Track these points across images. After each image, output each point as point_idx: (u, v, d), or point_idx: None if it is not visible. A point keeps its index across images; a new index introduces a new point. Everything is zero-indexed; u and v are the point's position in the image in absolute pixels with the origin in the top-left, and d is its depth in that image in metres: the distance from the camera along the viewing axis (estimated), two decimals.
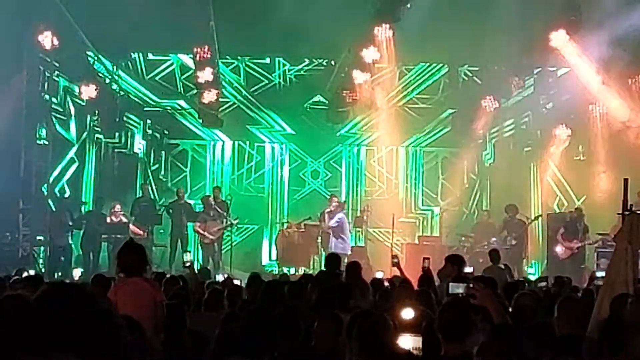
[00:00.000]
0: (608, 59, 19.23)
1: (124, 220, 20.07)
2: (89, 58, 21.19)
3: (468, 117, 21.91)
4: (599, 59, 19.40)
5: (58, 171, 21.05)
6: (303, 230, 21.15)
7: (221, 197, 21.44)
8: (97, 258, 19.86)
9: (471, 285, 5.41)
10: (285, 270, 19.14)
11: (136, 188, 22.24)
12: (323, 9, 18.68)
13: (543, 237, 21.26)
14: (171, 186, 22.65)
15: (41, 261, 19.62)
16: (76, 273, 17.18)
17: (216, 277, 14.10)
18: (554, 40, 19.86)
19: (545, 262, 20.81)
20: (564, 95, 21.56)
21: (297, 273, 18.31)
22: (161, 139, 23.27)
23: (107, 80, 21.77)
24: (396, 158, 23.29)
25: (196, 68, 21.06)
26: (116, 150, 22.68)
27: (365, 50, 20.40)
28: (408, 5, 19.43)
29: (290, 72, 22.98)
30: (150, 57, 22.66)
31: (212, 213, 20.51)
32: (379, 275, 12.46)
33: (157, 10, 18.72)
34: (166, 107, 22.94)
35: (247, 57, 22.81)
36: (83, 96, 20.84)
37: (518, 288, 9.98)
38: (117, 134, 22.36)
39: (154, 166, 23.12)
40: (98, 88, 20.85)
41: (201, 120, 22.17)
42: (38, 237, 19.66)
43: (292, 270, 19.76)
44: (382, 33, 20.18)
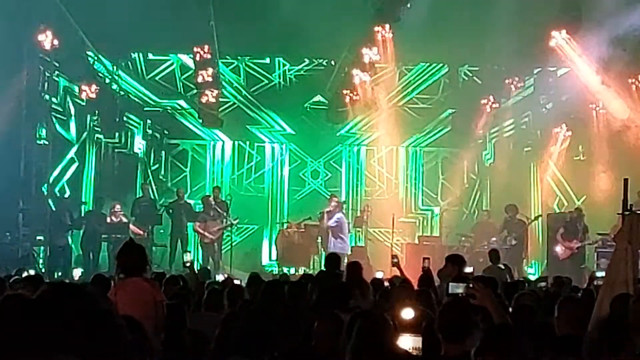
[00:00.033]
0: (608, 59, 19.24)
1: (124, 220, 20.07)
2: (89, 58, 21.19)
3: (468, 117, 21.92)
4: (599, 59, 19.41)
5: (58, 171, 21.05)
6: (303, 230, 21.15)
7: (221, 197, 21.44)
8: (97, 258, 19.86)
9: (471, 285, 5.40)
10: (285, 270, 19.14)
11: (136, 188, 22.24)
12: (323, 9, 18.71)
13: (543, 237, 21.26)
14: (171, 186, 22.65)
15: (41, 261, 19.62)
16: (76, 273, 17.20)
17: (216, 277, 14.11)
18: (554, 40, 19.88)
19: (545, 262, 20.81)
20: (564, 95, 21.57)
21: (297, 273, 18.30)
22: (161, 139, 23.27)
23: (107, 80, 21.77)
24: (396, 158, 23.28)
25: (196, 68, 21.08)
26: (116, 150, 22.68)
27: (365, 50, 20.43)
28: (408, 5, 19.46)
29: (290, 72, 22.97)
30: (150, 57, 22.67)
31: (212, 213, 20.52)
32: (379, 275, 12.45)
33: (157, 10, 18.72)
34: (166, 107, 22.94)
35: (247, 57, 22.81)
36: (83, 96, 20.88)
37: (518, 288, 10.00)
38: (117, 134, 22.36)
39: (154, 166, 23.11)
40: (98, 88, 20.88)
41: (201, 120, 22.17)
42: (38, 237, 19.65)
43: (292, 270, 19.76)
44: (382, 33, 20.20)
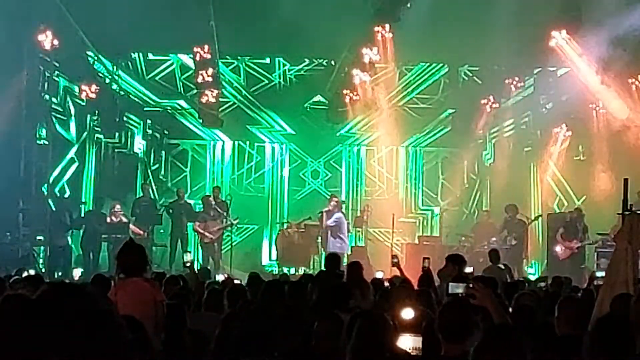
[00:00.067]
0: (608, 59, 19.24)
1: (124, 220, 20.07)
2: (89, 58, 21.19)
3: (468, 117, 21.92)
4: (599, 59, 19.41)
5: (58, 171, 21.04)
6: (303, 230, 21.15)
7: (221, 197, 21.44)
8: (97, 258, 19.86)
9: (471, 285, 5.40)
10: (285, 270, 19.15)
11: (136, 188, 22.23)
12: (323, 9, 18.70)
13: (543, 237, 21.26)
14: (171, 186, 22.65)
15: (41, 261, 19.61)
16: (76, 273, 17.19)
17: (216, 277, 14.12)
18: (554, 40, 19.88)
19: (545, 262, 20.81)
20: (564, 95, 21.57)
21: (297, 273, 18.30)
22: (161, 139, 23.26)
23: (107, 80, 21.76)
24: (396, 158, 23.28)
25: (196, 68, 21.08)
26: (116, 150, 22.67)
27: (365, 50, 20.42)
28: (408, 5, 19.46)
29: (290, 72, 22.97)
30: (150, 57, 22.67)
31: (212, 213, 20.52)
32: (379, 275, 12.44)
33: (157, 10, 18.71)
34: (166, 107, 22.93)
35: (247, 57, 22.81)
36: (83, 96, 20.88)
37: (518, 288, 10.00)
38: (117, 134, 22.35)
39: (154, 166, 23.10)
40: (98, 88, 20.88)
41: (201, 120, 22.16)
42: (38, 237, 19.65)
43: (292, 270, 19.76)
44: (382, 33, 20.20)
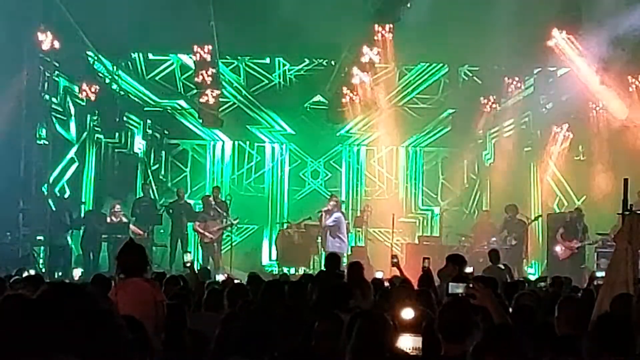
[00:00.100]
0: (608, 59, 19.24)
1: (124, 220, 20.07)
2: (89, 58, 21.20)
3: (468, 117, 21.93)
4: (599, 59, 19.41)
5: (58, 171, 21.05)
6: (303, 230, 21.15)
7: (221, 197, 21.44)
8: (97, 258, 19.86)
9: (471, 285, 5.40)
10: (285, 270, 19.14)
11: (136, 188, 22.23)
12: (323, 9, 18.70)
13: (543, 237, 21.25)
14: (171, 186, 22.64)
15: (41, 261, 19.62)
16: (76, 273, 17.19)
17: (216, 277, 14.11)
18: (554, 40, 19.88)
19: (545, 262, 20.81)
20: (564, 95, 21.56)
21: (297, 273, 18.30)
22: (161, 139, 23.25)
23: (107, 80, 21.77)
24: (396, 158, 23.27)
25: (196, 68, 21.09)
26: (116, 150, 22.66)
27: (365, 50, 20.42)
28: (408, 5, 19.44)
29: (290, 72, 22.96)
30: (150, 57, 22.66)
31: (212, 213, 20.52)
32: (379, 275, 12.44)
33: (157, 10, 18.71)
34: (166, 107, 22.93)
35: (247, 57, 22.80)
36: (83, 96, 20.88)
37: (518, 288, 10.00)
38: (117, 134, 22.36)
39: (154, 166, 23.09)
40: (98, 88, 20.88)
41: (201, 120, 22.16)
42: (38, 237, 19.65)
43: (292, 270, 19.76)
44: (382, 33, 20.20)
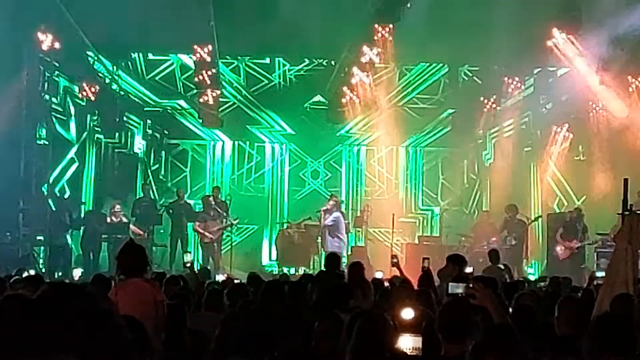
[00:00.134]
0: (607, 59, 19.24)
1: (124, 220, 20.07)
2: (89, 58, 21.20)
3: (468, 117, 21.93)
4: (599, 59, 19.41)
5: (58, 171, 21.05)
6: (303, 230, 21.15)
7: (221, 197, 21.44)
8: (97, 258, 19.86)
9: (471, 285, 5.40)
10: (285, 270, 19.14)
11: (136, 188, 22.23)
12: (323, 9, 18.70)
13: (543, 237, 21.25)
14: (171, 186, 22.65)
15: (41, 261, 19.62)
16: (76, 273, 17.21)
17: (216, 277, 14.12)
18: (554, 40, 19.88)
19: (545, 262, 20.81)
20: (564, 95, 21.57)
21: (297, 273, 18.30)
22: (161, 139, 23.26)
23: (107, 80, 21.77)
24: (396, 158, 23.27)
25: (196, 68, 21.09)
26: (116, 150, 22.67)
27: (365, 50, 20.42)
28: (408, 5, 19.44)
29: (290, 72, 22.97)
30: (150, 57, 22.67)
31: (212, 213, 20.52)
32: (379, 275, 12.45)
33: (157, 10, 18.70)
34: (166, 107, 22.93)
35: (247, 57, 22.81)
36: (83, 96, 20.88)
37: (518, 288, 10.00)
38: (117, 134, 22.36)
39: (154, 166, 23.10)
40: (98, 88, 20.89)
41: (201, 120, 22.17)
42: (38, 237, 19.66)
43: (292, 270, 19.76)
44: (382, 33, 20.20)
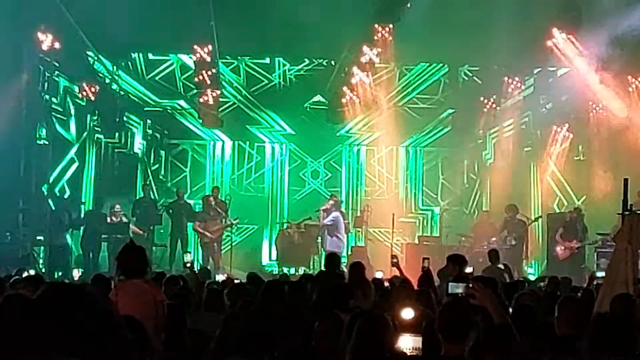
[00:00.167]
0: (607, 59, 19.24)
1: (124, 220, 20.08)
2: (89, 58, 21.20)
3: (468, 117, 21.93)
4: (599, 59, 19.41)
5: (58, 171, 21.05)
6: (303, 230, 21.15)
7: (220, 197, 21.44)
8: (97, 258, 19.86)
9: (471, 285, 5.40)
10: (285, 270, 19.15)
11: (136, 188, 22.24)
12: (323, 9, 18.70)
13: (543, 237, 21.26)
14: (171, 186, 22.65)
15: (41, 261, 19.62)
16: (76, 273, 17.21)
17: (216, 277, 14.12)
18: (554, 40, 19.89)
19: (545, 262, 20.81)
20: (564, 95, 21.56)
21: (297, 273, 18.30)
22: (161, 139, 23.26)
23: (107, 80, 21.77)
24: (396, 158, 23.27)
25: (196, 68, 21.09)
26: (116, 150, 22.67)
27: (365, 50, 20.42)
28: (408, 5, 19.45)
29: (290, 72, 22.97)
30: (150, 57, 22.67)
31: (212, 213, 20.53)
32: (379, 275, 12.44)
33: (157, 10, 18.72)
34: (166, 107, 22.93)
35: (247, 57, 22.81)
36: (83, 96, 20.89)
37: (518, 288, 9.99)
38: (117, 134, 22.36)
39: (154, 166, 23.10)
40: (98, 88, 20.89)
41: (201, 120, 22.16)
42: (38, 237, 19.66)
43: (292, 270, 19.76)
44: (382, 33, 20.20)
